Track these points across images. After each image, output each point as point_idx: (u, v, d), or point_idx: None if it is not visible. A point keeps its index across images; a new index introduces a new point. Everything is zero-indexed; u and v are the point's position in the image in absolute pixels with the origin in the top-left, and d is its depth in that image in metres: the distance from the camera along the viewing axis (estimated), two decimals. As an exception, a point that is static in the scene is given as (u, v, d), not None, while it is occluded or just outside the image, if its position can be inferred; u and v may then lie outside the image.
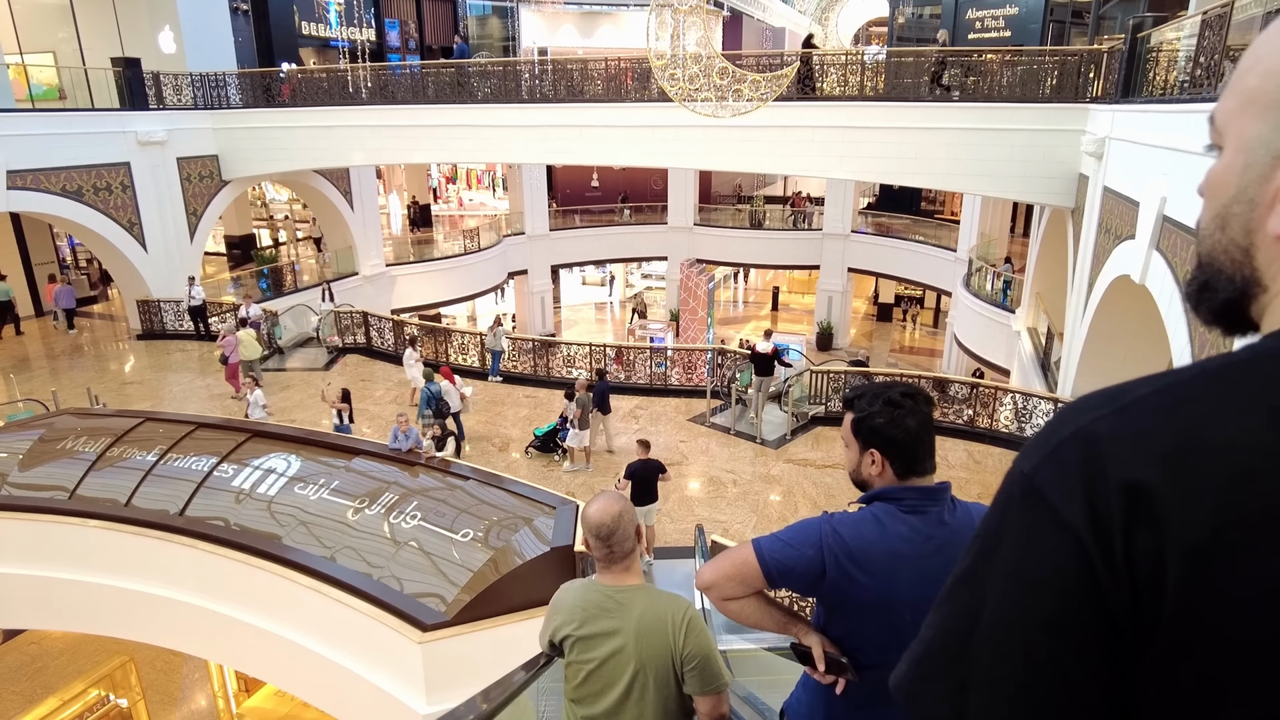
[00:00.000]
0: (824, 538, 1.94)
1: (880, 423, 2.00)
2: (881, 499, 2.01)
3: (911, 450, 1.99)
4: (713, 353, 15.86)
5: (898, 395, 2.03)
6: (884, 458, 2.00)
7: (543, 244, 33.43)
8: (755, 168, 15.91)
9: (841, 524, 1.96)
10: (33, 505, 9.83)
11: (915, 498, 1.97)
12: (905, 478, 2.00)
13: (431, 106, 18.37)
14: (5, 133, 15.62)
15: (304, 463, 9.95)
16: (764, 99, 10.01)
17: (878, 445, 2.00)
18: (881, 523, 1.96)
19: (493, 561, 8.11)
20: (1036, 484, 0.67)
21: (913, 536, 1.93)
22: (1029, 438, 0.88)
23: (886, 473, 2.01)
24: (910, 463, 2.00)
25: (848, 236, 31.16)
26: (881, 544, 1.92)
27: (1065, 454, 0.67)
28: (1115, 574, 0.63)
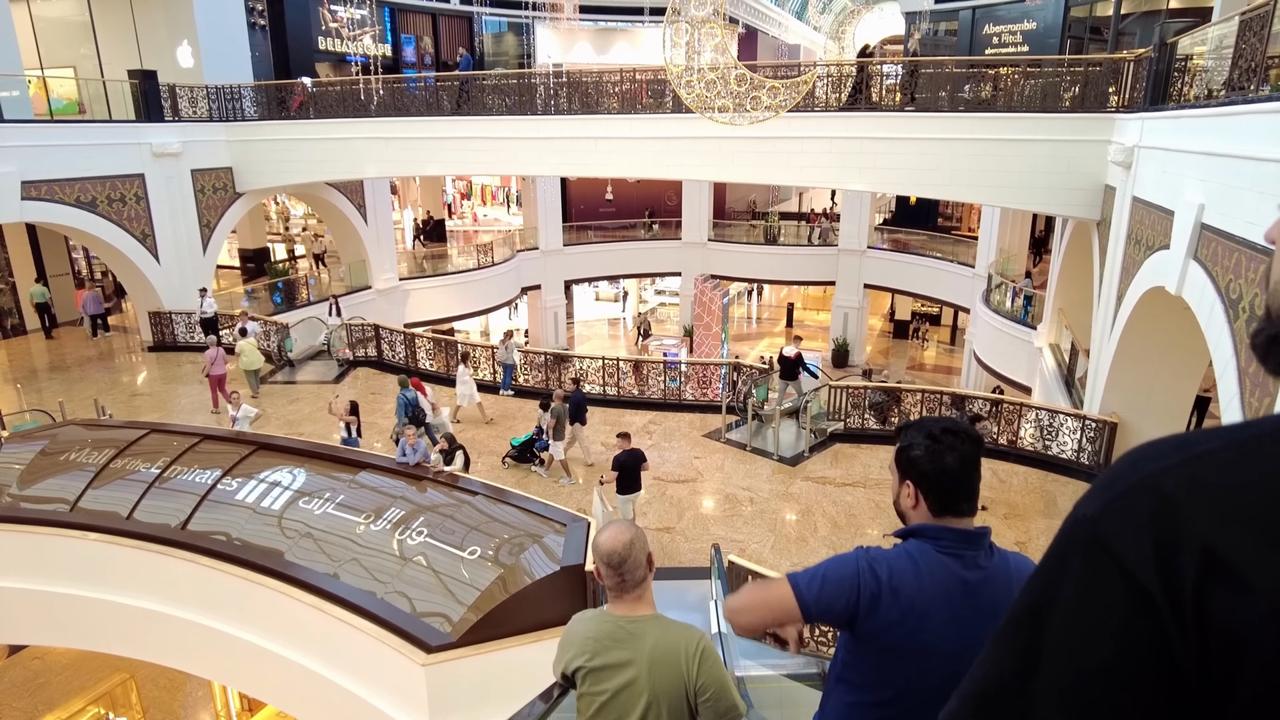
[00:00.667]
0: (861, 574, 1.93)
1: (918, 455, 1.97)
2: (918, 536, 1.98)
3: (946, 488, 1.95)
4: (728, 367, 15.55)
5: (938, 430, 1.99)
6: (918, 491, 1.98)
7: (556, 259, 33.32)
8: (772, 179, 15.69)
9: (878, 560, 1.95)
10: (33, 518, 9.63)
11: (952, 540, 1.94)
12: (941, 516, 1.96)
13: (446, 119, 18.29)
14: (21, 143, 15.63)
15: (310, 476, 9.71)
16: (783, 106, 9.78)
17: (914, 478, 1.98)
18: (916, 562, 1.94)
19: (501, 580, 7.81)
20: (1101, 532, 0.67)
21: (948, 580, 1.91)
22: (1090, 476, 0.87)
23: (921, 507, 1.98)
24: (945, 500, 1.96)
25: (864, 252, 30.88)
26: (916, 584, 1.91)
27: (1133, 504, 0.66)
28: (1185, 631, 0.62)
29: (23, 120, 16.28)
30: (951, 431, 1.98)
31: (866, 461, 12.96)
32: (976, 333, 23.87)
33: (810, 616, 1.98)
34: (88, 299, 20.34)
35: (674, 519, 11.19)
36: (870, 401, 13.85)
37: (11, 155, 15.46)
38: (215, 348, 14.95)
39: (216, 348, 14.95)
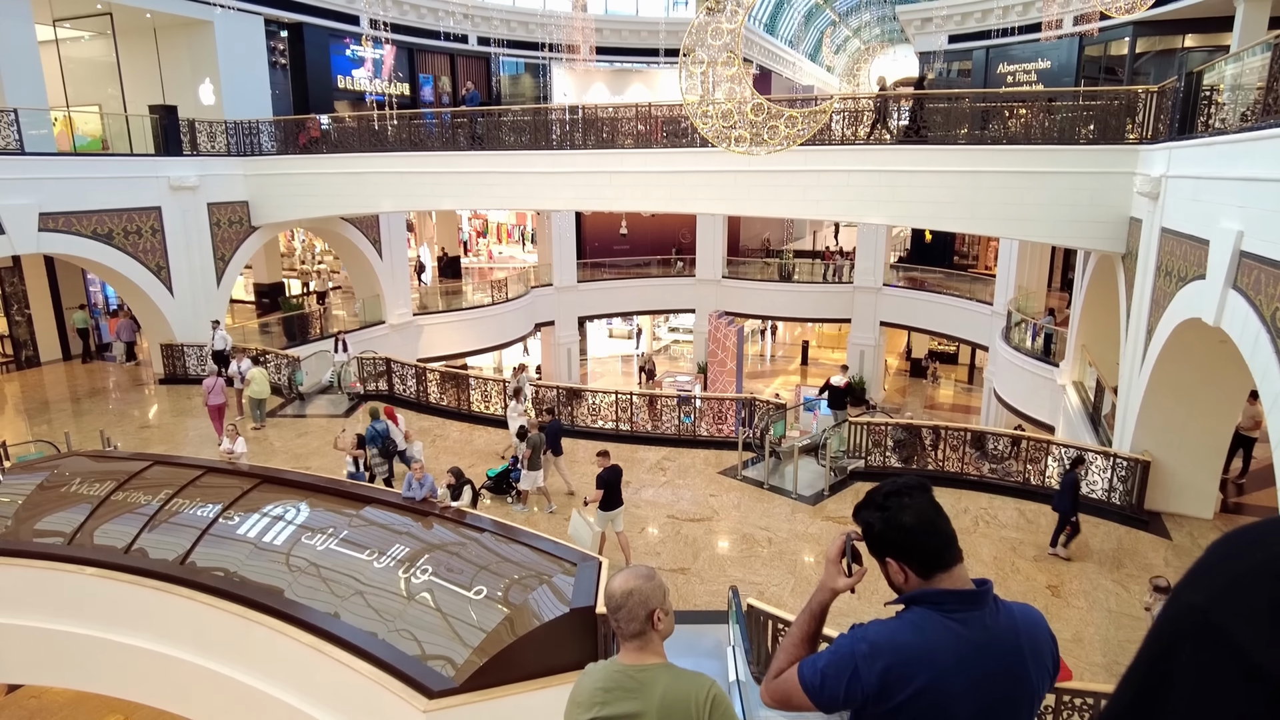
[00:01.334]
0: (858, 662, 1.87)
1: (879, 530, 1.93)
2: (920, 602, 1.91)
3: (919, 546, 1.90)
4: (743, 402, 15.21)
5: (881, 497, 1.96)
6: (900, 563, 1.92)
7: (570, 295, 33.29)
8: (788, 213, 15.52)
9: (877, 638, 1.89)
10: (29, 550, 9.38)
11: (956, 602, 1.88)
12: (930, 576, 1.90)
13: (461, 153, 18.32)
14: (40, 175, 15.74)
15: (313, 511, 9.42)
16: (800, 136, 9.61)
17: (889, 552, 1.93)
18: (922, 630, 1.87)
19: (508, 622, 7.45)
20: (1217, 621, 0.63)
21: (958, 646, 1.84)
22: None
23: (912, 577, 1.92)
24: (926, 559, 1.90)
25: (880, 290, 30.64)
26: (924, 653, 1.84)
27: (1252, 590, 0.63)
28: None
29: (42, 153, 16.40)
30: (895, 493, 1.94)
31: (888, 500, 12.51)
32: (996, 370, 23.47)
33: (826, 711, 1.94)
34: (122, 326, 20.78)
35: (689, 559, 10.78)
36: (894, 439, 13.45)
37: (31, 187, 15.56)
38: (214, 377, 14.85)
39: (216, 377, 14.85)
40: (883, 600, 7.12)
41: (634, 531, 11.63)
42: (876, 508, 1.95)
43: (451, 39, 32.10)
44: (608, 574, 8.09)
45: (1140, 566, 10.36)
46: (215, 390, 14.61)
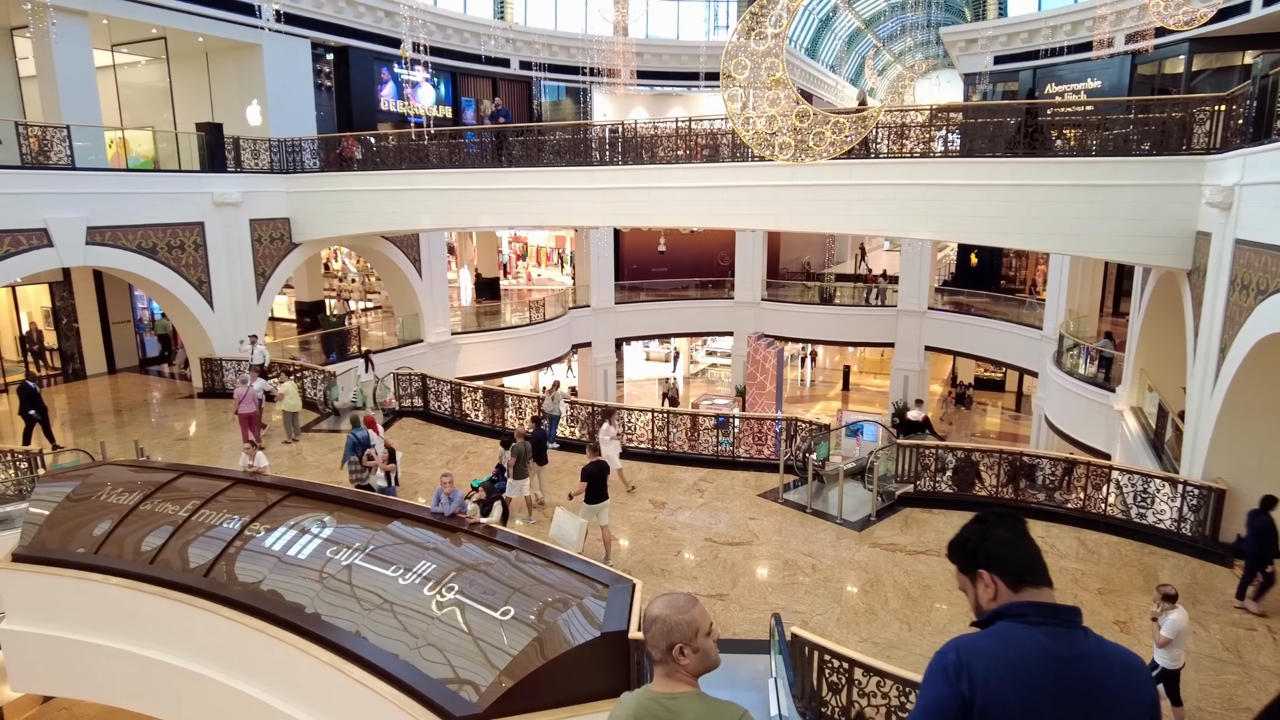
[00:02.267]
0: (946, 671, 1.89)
1: (975, 542, 2.03)
2: (1002, 616, 1.95)
3: (1013, 557, 1.98)
4: (785, 423, 14.69)
5: (982, 515, 2.10)
6: (991, 574, 1.99)
7: (607, 317, 33.09)
8: (832, 228, 15.08)
9: (961, 646, 1.92)
10: (55, 558, 9.24)
11: (1040, 614, 1.92)
12: (1019, 589, 1.96)
13: (500, 170, 18.24)
14: (89, 190, 15.99)
15: (339, 524, 9.14)
16: (847, 143, 9.21)
17: (982, 563, 2.00)
18: (1006, 638, 1.90)
19: (536, 645, 7.03)
20: None
21: (1042, 656, 1.86)
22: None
23: (1001, 589, 1.98)
24: (1018, 571, 1.97)
25: (924, 314, 29.89)
26: (1009, 660, 1.86)
27: None
28: None
29: (91, 168, 16.68)
30: (993, 513, 2.09)
31: (940, 528, 11.87)
32: (1047, 397, 22.60)
33: None
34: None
35: (727, 585, 10.27)
36: (951, 464, 12.79)
37: (80, 202, 15.81)
38: (244, 385, 14.79)
39: (246, 385, 14.79)
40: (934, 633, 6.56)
41: (669, 554, 11.17)
42: (976, 522, 2.06)
43: (494, 63, 32.47)
44: (642, 597, 7.66)
45: (1218, 604, 9.59)
46: (246, 399, 14.57)
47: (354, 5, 25.34)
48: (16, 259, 14.91)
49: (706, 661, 2.36)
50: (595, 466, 10.90)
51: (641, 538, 11.75)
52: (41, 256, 15.30)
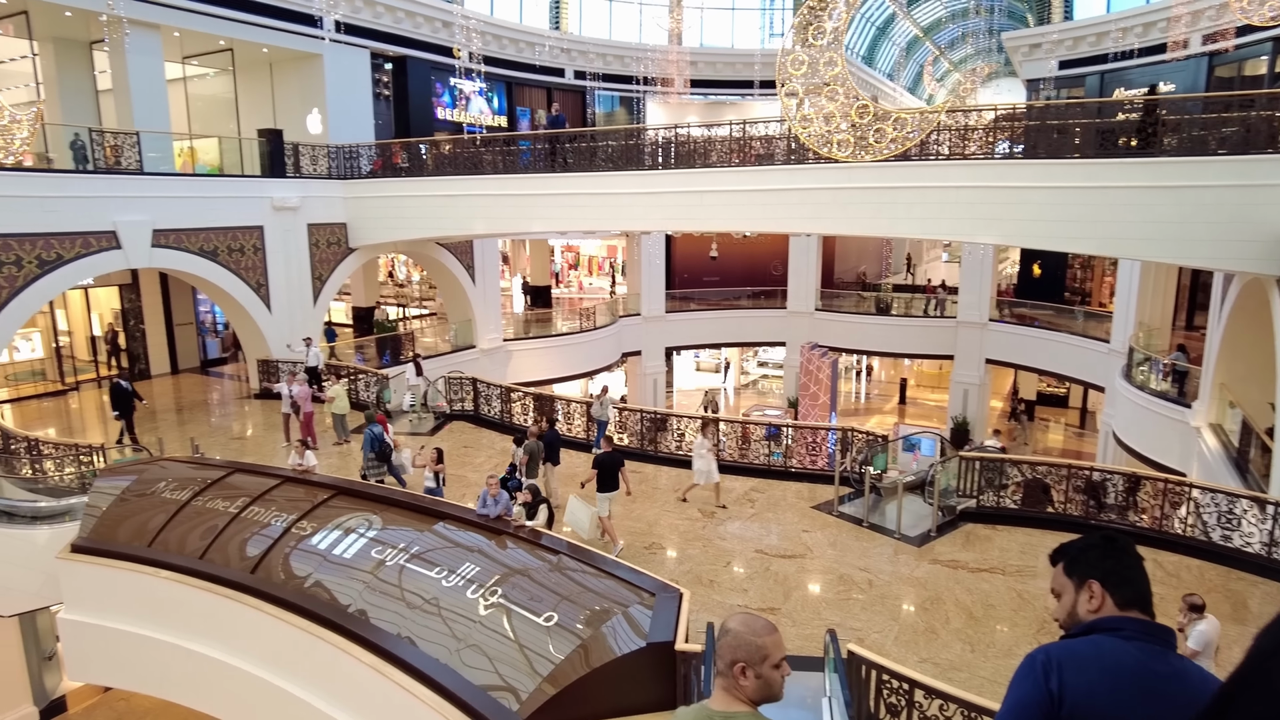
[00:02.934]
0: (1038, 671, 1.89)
1: (1097, 555, 2.04)
2: (1096, 630, 1.95)
3: (1135, 581, 1.98)
4: (840, 434, 14.23)
5: (1110, 534, 2.10)
6: (1104, 589, 1.98)
7: (658, 325, 32.88)
8: (890, 232, 14.60)
9: (1054, 649, 1.93)
10: (110, 550, 9.36)
11: (1136, 629, 1.91)
12: (1127, 609, 1.96)
13: (552, 176, 18.21)
14: (154, 194, 16.43)
15: (385, 524, 9.07)
16: (909, 140, 8.84)
17: (1097, 576, 2.00)
18: (1099, 646, 1.90)
19: (580, 652, 6.80)
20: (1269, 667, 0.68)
21: (1137, 670, 1.84)
22: None
23: (1107, 604, 1.97)
24: (1132, 595, 1.97)
25: (985, 325, 28.95)
26: (1103, 667, 1.85)
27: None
28: None
29: (158, 173, 17.16)
30: (1119, 536, 2.09)
31: (1005, 545, 11.29)
32: (1115, 413, 21.60)
33: None
34: None
35: (779, 598, 9.90)
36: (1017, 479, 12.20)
37: (146, 205, 16.25)
38: (303, 386, 14.98)
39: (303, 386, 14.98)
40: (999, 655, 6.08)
41: (718, 565, 10.84)
42: (1102, 538, 2.07)
43: (548, 73, 32.71)
44: (689, 608, 7.38)
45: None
46: (304, 400, 14.77)
47: (412, 16, 25.75)
48: (88, 260, 15.37)
49: (767, 691, 2.31)
50: (607, 456, 11.33)
51: (690, 547, 11.45)
52: (110, 258, 15.76)
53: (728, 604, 9.68)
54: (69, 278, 15.32)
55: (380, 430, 12.65)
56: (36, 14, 18.97)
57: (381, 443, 12.48)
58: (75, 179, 15.57)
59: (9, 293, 14.25)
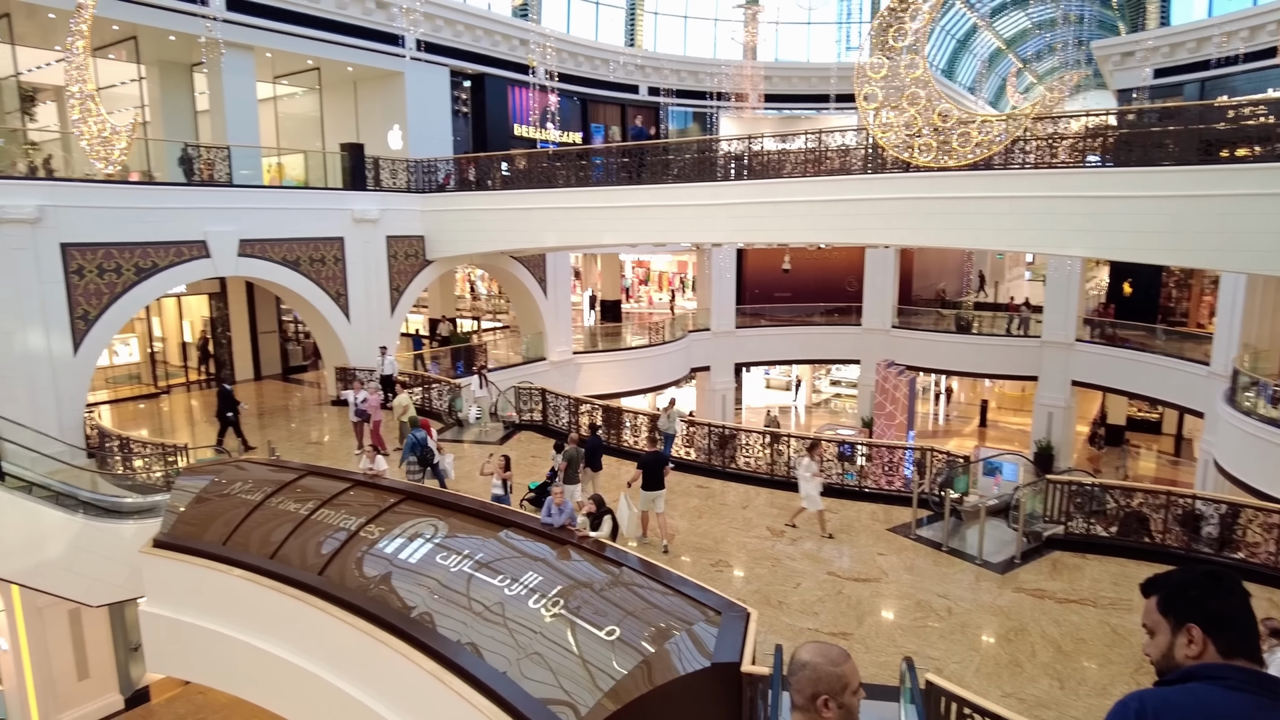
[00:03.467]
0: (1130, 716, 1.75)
1: (1198, 594, 1.87)
2: (1196, 677, 1.79)
3: (1240, 625, 1.83)
4: (919, 453, 13.66)
5: (1213, 570, 1.93)
6: (1205, 635, 1.83)
7: (728, 341, 32.54)
8: (973, 243, 14.01)
9: (1148, 697, 1.78)
10: (187, 547, 9.62)
11: (1242, 679, 1.75)
12: (1231, 658, 1.81)
13: (624, 188, 18.22)
14: (242, 205, 17.09)
15: (450, 531, 9.05)
16: (995, 144, 8.41)
17: (1198, 620, 1.84)
18: (1197, 695, 1.75)
19: (643, 668, 6.58)
20: None
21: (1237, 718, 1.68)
22: None
23: (1208, 651, 1.82)
24: (1236, 641, 1.82)
25: (1071, 345, 27.62)
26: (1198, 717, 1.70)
27: None
28: None
29: (245, 185, 17.88)
30: (1225, 573, 1.91)
31: (1096, 575, 10.58)
32: (1217, 440, 20.20)
33: None
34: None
35: (851, 623, 9.48)
36: (1110, 505, 11.46)
37: (234, 216, 16.92)
38: (375, 395, 15.27)
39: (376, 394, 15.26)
40: (1091, 693, 5.58)
41: (788, 586, 10.48)
42: (1206, 575, 1.89)
43: (622, 89, 32.98)
44: (757, 628, 7.08)
45: None
46: (374, 408, 15.07)
47: (490, 34, 26.33)
48: (179, 268, 16.08)
49: (849, 719, 2.29)
50: (651, 457, 11.79)
51: (758, 566, 11.11)
52: (199, 266, 16.45)
53: (797, 627, 9.32)
54: (162, 285, 16.03)
55: (424, 435, 12.85)
56: (144, 39, 20.09)
57: (424, 447, 12.67)
58: (170, 191, 16.33)
59: (109, 298, 14.98)
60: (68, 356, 14.42)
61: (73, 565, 11.11)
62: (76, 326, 14.53)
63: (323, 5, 21.14)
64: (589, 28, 32.17)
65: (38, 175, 16.32)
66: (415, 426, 12.94)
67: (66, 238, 14.34)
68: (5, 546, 10.81)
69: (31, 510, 11.04)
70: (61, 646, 13.72)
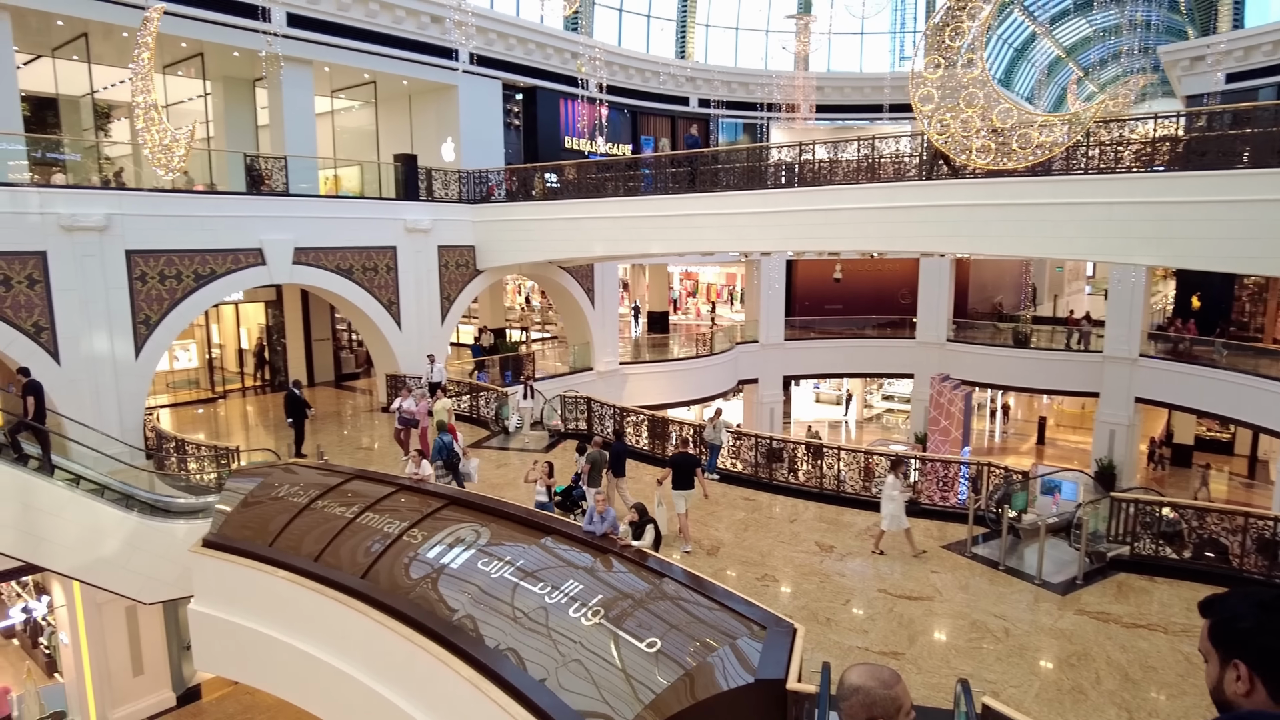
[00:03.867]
0: None
1: (1246, 628, 1.69)
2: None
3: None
4: (975, 468, 13.19)
5: (1270, 597, 1.73)
6: (1251, 673, 1.66)
7: (776, 353, 32.16)
8: (1033, 251, 13.52)
9: None
10: (235, 548, 9.73)
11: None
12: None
13: (672, 197, 18.13)
14: (297, 214, 17.47)
15: (493, 537, 8.99)
16: (1057, 145, 8.06)
17: (1245, 657, 1.68)
18: None
19: (684, 682, 6.39)
20: None
21: None
22: None
23: (1258, 692, 1.65)
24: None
25: (1135, 360, 26.54)
26: None
27: None
28: None
29: (300, 194, 18.28)
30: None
31: (1166, 599, 10.02)
32: (1298, 461, 19.16)
33: None
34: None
35: (903, 642, 9.12)
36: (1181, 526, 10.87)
37: (289, 225, 17.30)
38: (427, 401, 15.39)
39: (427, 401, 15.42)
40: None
41: (836, 603, 10.16)
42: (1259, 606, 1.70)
43: (672, 101, 33.01)
44: (803, 645, 6.82)
45: None
46: (421, 416, 15.16)
47: (543, 48, 26.61)
48: (236, 275, 16.48)
49: None
50: (680, 457, 12.20)
51: (806, 582, 10.80)
52: (256, 274, 16.83)
53: (845, 645, 9.00)
54: (220, 291, 16.44)
55: (450, 439, 13.09)
56: (210, 55, 20.78)
57: (450, 451, 12.91)
58: (229, 200, 16.77)
59: (169, 303, 15.41)
60: (130, 360, 14.85)
61: (128, 563, 11.38)
62: (138, 331, 14.97)
63: (379, 20, 21.60)
64: (640, 40, 32.31)
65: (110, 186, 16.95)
66: (443, 430, 13.20)
67: (131, 245, 14.81)
68: (65, 542, 11.12)
69: (90, 507, 11.35)
70: (118, 643, 14.06)
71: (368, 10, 21.27)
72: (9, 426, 11.84)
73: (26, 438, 12.13)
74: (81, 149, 19.10)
